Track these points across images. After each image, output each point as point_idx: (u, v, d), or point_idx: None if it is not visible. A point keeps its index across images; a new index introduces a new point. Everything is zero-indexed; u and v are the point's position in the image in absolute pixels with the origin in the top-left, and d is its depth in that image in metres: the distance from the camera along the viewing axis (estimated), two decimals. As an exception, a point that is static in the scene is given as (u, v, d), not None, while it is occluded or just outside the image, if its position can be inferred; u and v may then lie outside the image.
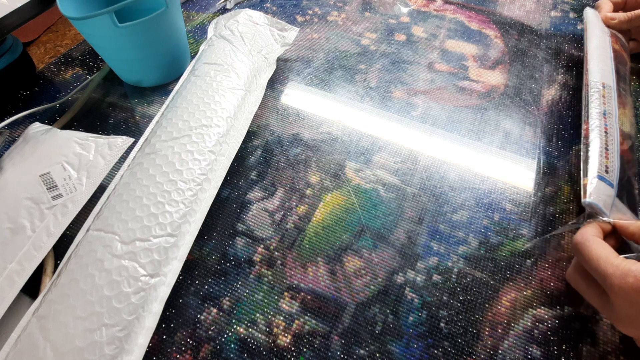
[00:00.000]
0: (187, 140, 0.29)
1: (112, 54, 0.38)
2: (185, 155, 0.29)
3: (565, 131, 0.36)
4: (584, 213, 0.26)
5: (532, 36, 0.46)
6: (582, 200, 0.26)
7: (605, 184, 0.26)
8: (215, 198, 0.30)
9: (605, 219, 0.25)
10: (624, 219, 0.24)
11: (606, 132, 0.29)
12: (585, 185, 0.26)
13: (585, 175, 0.27)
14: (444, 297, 0.26)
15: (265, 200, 0.31)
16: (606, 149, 0.28)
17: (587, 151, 0.28)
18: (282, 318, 0.26)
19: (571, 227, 0.27)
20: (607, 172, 0.27)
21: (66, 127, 0.37)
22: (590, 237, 0.23)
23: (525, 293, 0.26)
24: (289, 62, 0.44)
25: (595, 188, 0.26)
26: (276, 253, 0.28)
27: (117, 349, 0.22)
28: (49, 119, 0.38)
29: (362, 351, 0.24)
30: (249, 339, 0.25)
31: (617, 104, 0.32)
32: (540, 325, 0.25)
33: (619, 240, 0.25)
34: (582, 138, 0.30)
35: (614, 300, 0.21)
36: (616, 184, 0.27)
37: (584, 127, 0.30)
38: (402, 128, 0.37)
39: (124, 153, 0.34)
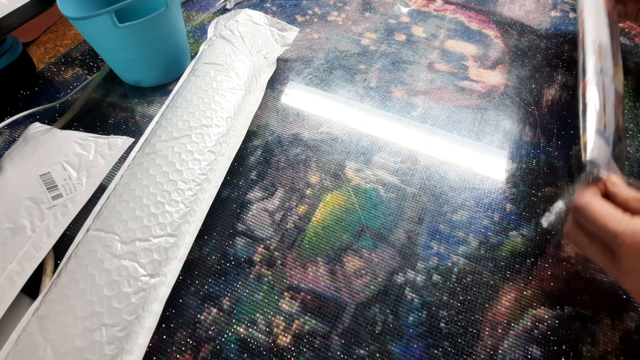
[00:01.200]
0: (187, 140, 0.29)
1: (112, 54, 0.38)
2: (185, 155, 0.29)
3: (565, 131, 0.36)
4: (586, 171, 0.26)
5: (532, 36, 0.46)
6: (583, 158, 0.25)
7: (603, 140, 0.26)
8: (215, 198, 0.30)
9: (603, 176, 0.24)
10: (617, 180, 0.24)
11: (603, 90, 0.29)
12: (585, 143, 0.26)
13: (585, 131, 0.26)
14: (444, 297, 0.26)
15: (265, 200, 0.31)
16: (604, 106, 0.28)
17: (585, 107, 0.28)
18: (282, 318, 0.26)
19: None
20: (605, 128, 0.27)
21: (66, 127, 0.37)
22: (591, 198, 0.23)
23: (525, 293, 0.26)
24: (289, 62, 0.44)
25: (596, 144, 0.25)
26: (276, 253, 0.28)
27: (117, 349, 0.22)
28: (49, 119, 0.38)
29: (362, 351, 0.24)
30: (249, 339, 0.25)
31: (612, 63, 0.31)
32: (540, 325, 0.25)
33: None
34: (579, 93, 0.29)
35: (623, 258, 0.21)
36: (612, 142, 0.26)
37: (581, 82, 0.30)
38: (402, 128, 0.37)
39: (124, 153, 0.34)
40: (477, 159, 0.34)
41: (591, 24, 0.34)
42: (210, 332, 0.25)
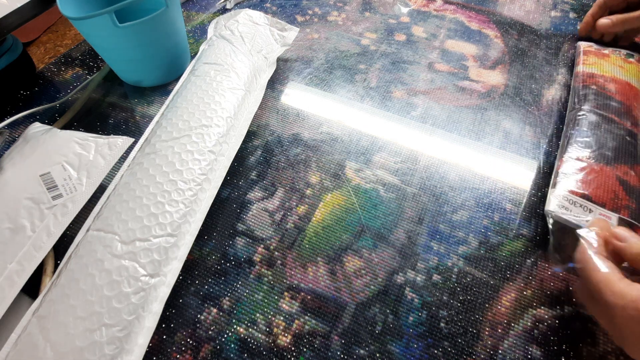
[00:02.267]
0: (187, 140, 0.29)
1: (112, 54, 0.38)
2: (185, 155, 0.29)
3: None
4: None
5: (532, 36, 0.46)
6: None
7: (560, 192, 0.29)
8: (215, 198, 0.30)
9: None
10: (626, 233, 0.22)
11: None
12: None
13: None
14: (444, 297, 0.26)
15: (265, 200, 0.31)
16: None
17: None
18: (282, 318, 0.26)
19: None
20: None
21: (66, 127, 0.37)
22: (588, 258, 0.21)
23: (525, 293, 0.26)
24: (289, 62, 0.44)
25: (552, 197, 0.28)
26: (276, 253, 0.28)
27: (117, 349, 0.22)
28: (49, 119, 0.38)
29: (362, 351, 0.24)
30: (249, 339, 0.25)
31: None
32: (540, 325, 0.25)
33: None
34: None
35: (621, 327, 0.19)
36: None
37: (557, 164, 0.32)
38: (402, 128, 0.37)
39: (124, 153, 0.34)
40: (477, 159, 0.34)
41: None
42: (210, 332, 0.25)
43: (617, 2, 0.41)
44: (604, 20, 0.41)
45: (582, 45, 0.42)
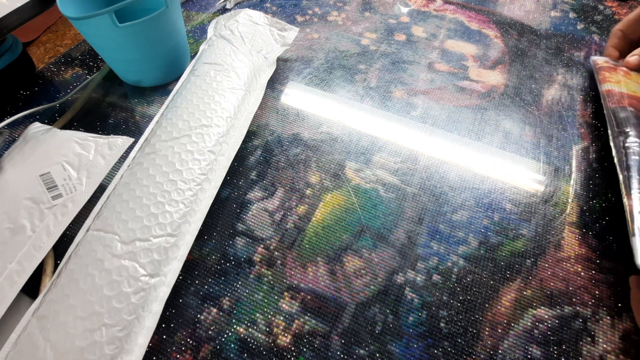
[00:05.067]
0: (187, 140, 0.29)
1: (112, 54, 0.38)
2: (185, 155, 0.29)
3: (565, 131, 0.36)
4: None
5: (532, 36, 0.46)
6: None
7: None
8: (215, 198, 0.30)
9: None
10: None
11: None
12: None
13: (633, 234, 0.24)
14: (444, 297, 0.26)
15: (265, 200, 0.31)
16: None
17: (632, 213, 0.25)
18: (282, 318, 0.26)
19: None
20: None
21: (66, 127, 0.37)
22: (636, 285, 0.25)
23: (525, 293, 0.26)
24: (289, 62, 0.44)
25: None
26: (276, 253, 0.28)
27: (117, 349, 0.22)
28: (49, 119, 0.38)
29: (362, 351, 0.24)
30: (249, 339, 0.25)
31: None
32: (540, 325, 0.25)
33: None
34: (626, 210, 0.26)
35: None
36: None
37: (627, 202, 0.26)
38: (402, 128, 0.37)
39: (124, 153, 0.34)
40: (477, 159, 0.34)
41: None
42: (210, 332, 0.25)
43: (636, 29, 0.37)
44: (633, 59, 0.36)
45: (598, 61, 0.39)
